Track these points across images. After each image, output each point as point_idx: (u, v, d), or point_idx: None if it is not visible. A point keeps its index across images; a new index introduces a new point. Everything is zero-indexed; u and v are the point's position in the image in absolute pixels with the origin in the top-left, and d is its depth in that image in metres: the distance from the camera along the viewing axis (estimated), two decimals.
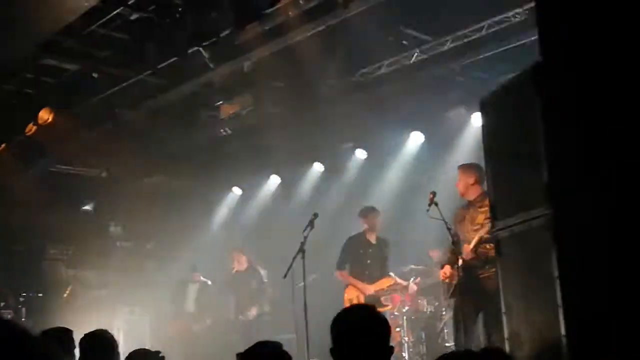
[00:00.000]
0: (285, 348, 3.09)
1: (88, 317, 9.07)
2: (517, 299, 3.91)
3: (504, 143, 4.17)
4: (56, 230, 11.06)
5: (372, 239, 8.19)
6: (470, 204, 6.17)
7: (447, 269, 6.16)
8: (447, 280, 6.20)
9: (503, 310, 4.03)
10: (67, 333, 4.24)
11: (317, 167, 10.83)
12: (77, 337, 4.13)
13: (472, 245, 5.83)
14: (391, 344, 2.86)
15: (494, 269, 4.84)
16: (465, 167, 6.21)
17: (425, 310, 8.38)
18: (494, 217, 4.26)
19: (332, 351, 2.83)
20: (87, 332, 4.02)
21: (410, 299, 8.37)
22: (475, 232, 5.90)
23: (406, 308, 8.32)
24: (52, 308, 10.50)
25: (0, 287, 10.43)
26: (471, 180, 6.11)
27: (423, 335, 8.17)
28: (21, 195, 10.44)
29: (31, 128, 8.78)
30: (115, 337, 4.11)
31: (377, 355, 2.78)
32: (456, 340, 5.91)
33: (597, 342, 3.34)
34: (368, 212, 8.26)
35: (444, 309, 8.05)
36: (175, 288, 10.81)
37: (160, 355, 3.51)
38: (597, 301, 3.34)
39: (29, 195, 10.31)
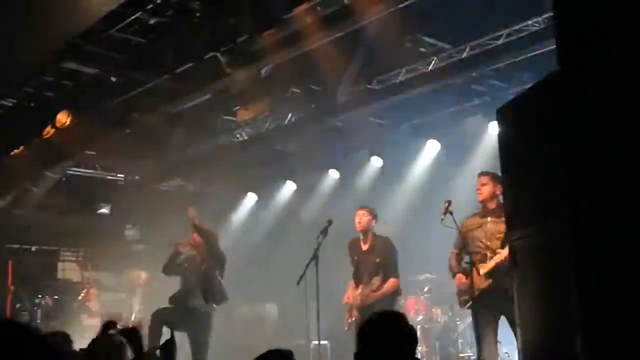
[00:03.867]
0: (297, 356, 3.06)
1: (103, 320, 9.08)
2: (533, 309, 3.85)
3: (521, 152, 4.12)
4: (72, 232, 11.13)
5: (365, 243, 7.27)
6: (487, 213, 6.11)
7: (462, 277, 6.11)
8: (462, 288, 6.14)
9: (517, 321, 3.97)
10: (63, 337, 4.24)
11: (333, 174, 10.81)
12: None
13: (505, 251, 5.76)
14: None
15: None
16: (495, 177, 6.13)
17: (439, 319, 8.32)
18: (510, 226, 4.21)
19: (356, 356, 2.79)
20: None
21: (424, 307, 8.32)
22: (499, 240, 5.85)
23: (420, 317, 8.27)
24: (67, 310, 10.55)
25: (16, 289, 10.51)
26: (498, 190, 6.06)
27: (437, 345, 8.11)
28: (38, 197, 10.53)
29: (49, 131, 8.85)
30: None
31: None
32: (478, 350, 5.84)
33: (616, 356, 3.28)
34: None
35: (458, 318, 7.99)
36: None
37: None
38: (616, 316, 3.28)
39: (45, 197, 10.40)
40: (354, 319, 6.89)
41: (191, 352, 7.55)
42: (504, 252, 5.76)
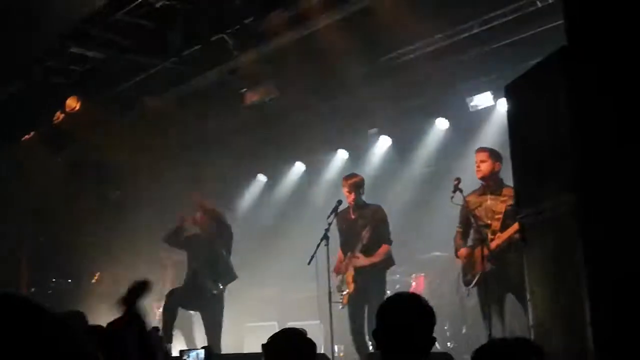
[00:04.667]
0: (309, 335, 3.10)
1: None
2: (543, 286, 3.87)
3: (529, 129, 4.12)
4: (85, 217, 11.20)
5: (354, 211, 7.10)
6: (486, 190, 6.11)
7: (463, 253, 6.13)
8: (465, 266, 6.17)
9: (528, 297, 4.00)
10: (79, 316, 4.29)
11: (342, 154, 10.81)
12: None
13: (506, 235, 5.79)
14: None
15: (518, 256, 4.81)
16: (494, 153, 6.14)
17: (449, 297, 8.35)
18: (518, 203, 4.22)
19: (375, 333, 2.84)
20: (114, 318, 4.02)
21: (434, 285, 8.34)
22: (498, 221, 5.87)
23: (430, 295, 8.29)
24: (80, 294, 10.66)
25: (30, 272, 10.62)
26: (497, 166, 6.06)
27: (447, 323, 8.16)
28: (50, 182, 10.60)
29: (59, 116, 8.89)
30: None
31: (420, 344, 2.78)
32: (487, 328, 5.87)
33: (625, 331, 3.30)
34: None
35: (467, 296, 8.02)
36: None
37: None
38: (624, 288, 3.30)
39: (57, 182, 10.46)
40: (348, 291, 6.81)
41: (205, 331, 7.67)
42: (503, 237, 5.79)
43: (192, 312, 8.50)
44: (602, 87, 3.48)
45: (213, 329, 7.62)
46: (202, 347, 5.44)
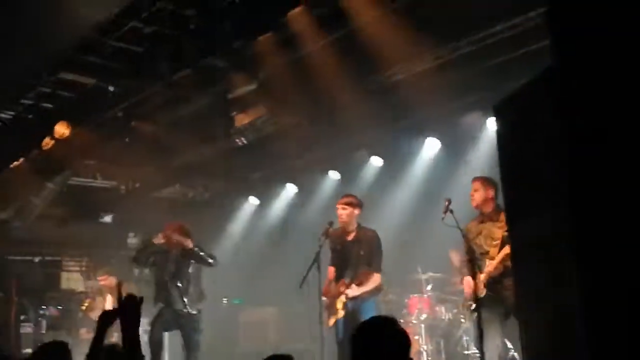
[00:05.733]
0: (299, 359, 3.06)
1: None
2: (534, 307, 3.84)
3: (518, 147, 4.11)
4: (75, 242, 11.14)
5: (349, 233, 7.11)
6: (484, 218, 6.16)
7: (471, 281, 6.11)
8: (468, 293, 6.16)
9: (519, 318, 3.96)
10: (62, 346, 4.24)
11: (333, 175, 10.80)
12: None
13: (497, 260, 5.82)
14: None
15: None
16: (486, 180, 6.18)
17: (443, 317, 8.31)
18: (509, 222, 4.20)
19: None
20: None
21: (428, 306, 8.30)
22: (496, 248, 5.89)
23: (424, 315, 8.26)
24: (71, 320, 10.55)
25: (20, 300, 10.52)
26: (490, 193, 6.11)
27: (442, 343, 8.11)
28: (39, 209, 10.52)
29: (48, 142, 8.85)
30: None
31: None
32: (480, 350, 5.85)
33: (623, 353, 3.27)
34: None
35: (462, 316, 7.98)
36: None
37: None
38: (618, 308, 3.27)
39: (47, 208, 10.40)
40: (338, 317, 6.77)
41: (184, 350, 7.79)
42: (494, 263, 5.82)
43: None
44: (590, 106, 3.49)
45: (190, 348, 7.70)
46: None
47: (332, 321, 6.79)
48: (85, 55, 7.61)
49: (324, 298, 6.84)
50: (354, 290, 6.76)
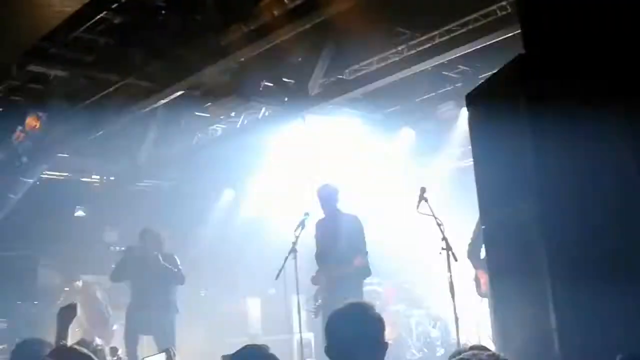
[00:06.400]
0: (279, 349, 3.07)
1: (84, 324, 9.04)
2: (507, 294, 3.88)
3: (490, 136, 4.13)
4: (50, 236, 11.00)
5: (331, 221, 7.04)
6: None
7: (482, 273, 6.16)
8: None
9: (492, 305, 4.00)
10: (41, 344, 4.19)
11: None
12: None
13: None
14: (388, 340, 2.86)
15: None
16: None
17: (419, 307, 8.38)
18: (482, 211, 4.22)
19: (327, 350, 2.82)
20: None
21: (404, 296, 8.36)
22: None
23: (400, 305, 8.31)
24: (47, 315, 10.43)
25: None
26: None
27: (417, 331, 8.18)
28: (13, 203, 10.37)
29: (19, 135, 8.72)
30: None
31: (371, 352, 2.77)
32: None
33: (591, 335, 3.32)
34: None
35: (438, 305, 8.05)
36: None
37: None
38: (587, 294, 3.31)
39: (20, 202, 10.25)
40: (321, 302, 6.76)
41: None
42: None
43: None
44: (559, 94, 3.51)
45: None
46: (163, 351, 5.22)
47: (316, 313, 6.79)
48: (55, 47, 7.49)
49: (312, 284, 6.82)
50: (335, 271, 6.62)
